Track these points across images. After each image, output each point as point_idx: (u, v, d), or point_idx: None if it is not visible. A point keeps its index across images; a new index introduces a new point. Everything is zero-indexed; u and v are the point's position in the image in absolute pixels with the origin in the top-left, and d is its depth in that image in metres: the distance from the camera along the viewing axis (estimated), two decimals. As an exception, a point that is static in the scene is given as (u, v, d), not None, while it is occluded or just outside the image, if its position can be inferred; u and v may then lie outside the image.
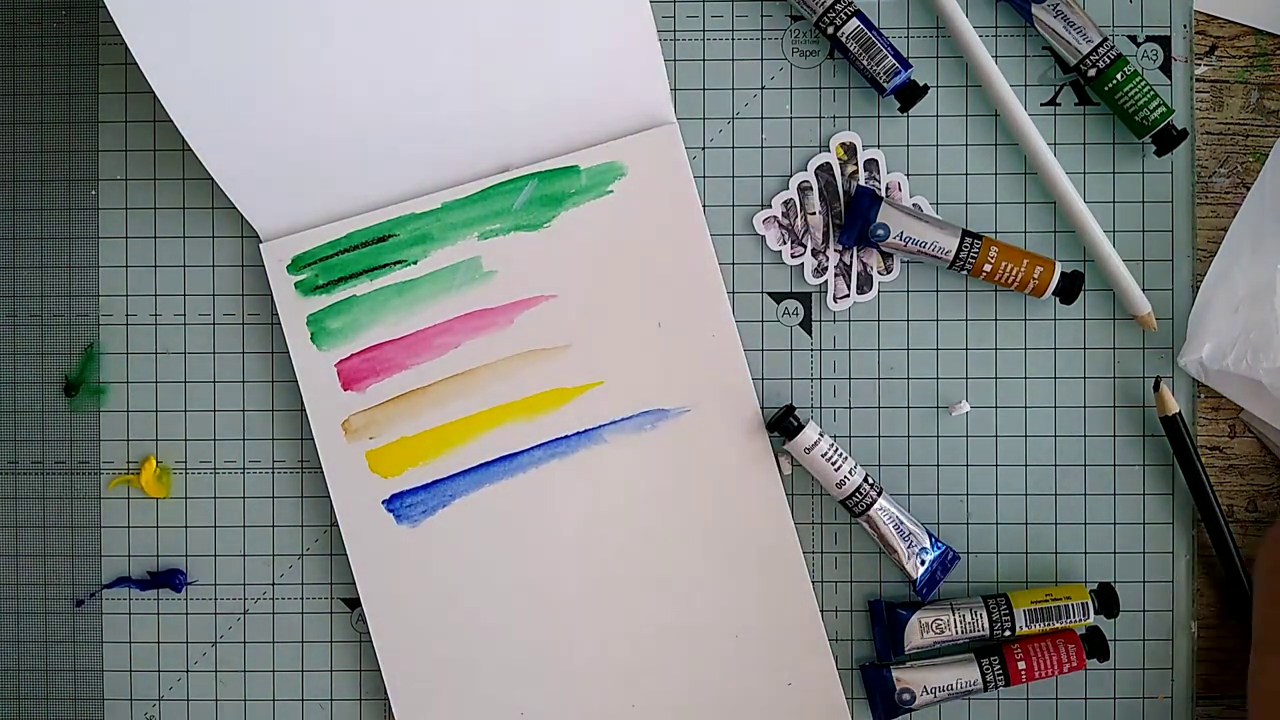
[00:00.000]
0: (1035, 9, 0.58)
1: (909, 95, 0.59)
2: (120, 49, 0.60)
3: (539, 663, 0.59)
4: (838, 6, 0.58)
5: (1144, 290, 0.59)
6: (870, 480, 0.58)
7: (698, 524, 0.59)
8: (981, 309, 0.60)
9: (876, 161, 0.60)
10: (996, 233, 0.60)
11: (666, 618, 0.59)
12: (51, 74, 0.61)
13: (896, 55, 0.58)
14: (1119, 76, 0.58)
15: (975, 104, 0.60)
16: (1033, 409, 0.60)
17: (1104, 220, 0.59)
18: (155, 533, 0.60)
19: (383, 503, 0.59)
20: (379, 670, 0.59)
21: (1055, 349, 0.60)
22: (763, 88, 0.60)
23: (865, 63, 0.58)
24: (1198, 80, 0.60)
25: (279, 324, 0.59)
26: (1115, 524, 0.60)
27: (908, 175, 0.60)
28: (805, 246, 0.60)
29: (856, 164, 0.60)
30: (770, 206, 0.60)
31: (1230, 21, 0.60)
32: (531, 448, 0.59)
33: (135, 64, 0.56)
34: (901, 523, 0.58)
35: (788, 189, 0.60)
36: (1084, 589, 0.58)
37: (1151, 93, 0.58)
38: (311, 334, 0.59)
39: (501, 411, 0.59)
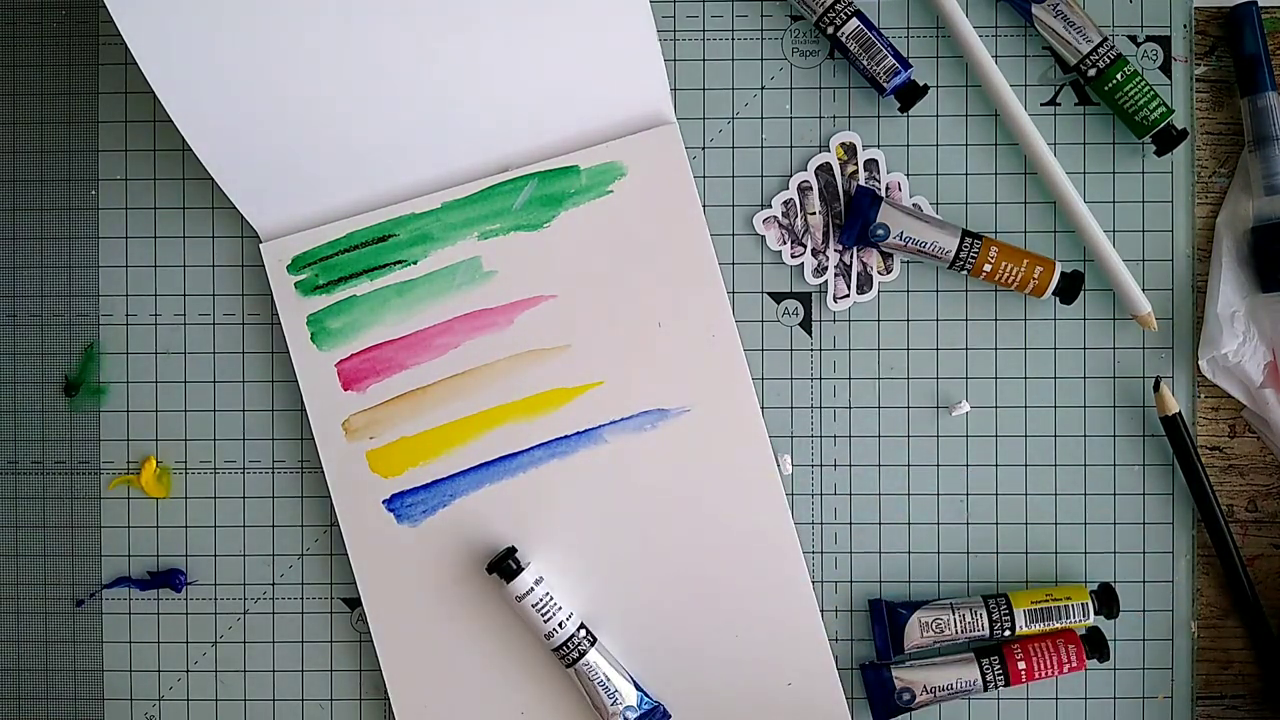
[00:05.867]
0: (1035, 9, 0.58)
1: (909, 95, 0.59)
2: (120, 49, 0.60)
3: (539, 662, 0.59)
4: (838, 6, 0.58)
5: (1144, 290, 0.59)
6: (585, 629, 0.57)
7: (698, 524, 0.59)
8: (981, 309, 0.60)
9: (876, 161, 0.60)
10: (996, 233, 0.60)
11: (666, 617, 0.59)
12: (51, 74, 0.61)
13: (896, 55, 0.58)
14: (1119, 76, 0.58)
15: (975, 104, 0.60)
16: (1033, 409, 0.60)
17: (1104, 220, 0.59)
18: (155, 533, 0.60)
19: (383, 502, 0.59)
20: (379, 670, 0.59)
21: (1055, 349, 0.60)
22: (763, 88, 0.60)
23: (865, 63, 0.58)
24: (1198, 80, 0.60)
25: (279, 324, 0.59)
26: (1115, 524, 0.60)
27: (908, 175, 0.60)
28: (805, 246, 0.60)
29: (856, 164, 0.60)
30: (770, 206, 0.60)
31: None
32: (531, 448, 0.59)
33: (135, 64, 0.56)
34: (608, 680, 0.57)
35: (788, 189, 0.60)
36: (1084, 589, 0.58)
37: (1151, 93, 0.58)
38: (311, 334, 0.59)
39: (501, 411, 0.59)
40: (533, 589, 0.57)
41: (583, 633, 0.57)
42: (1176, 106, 0.59)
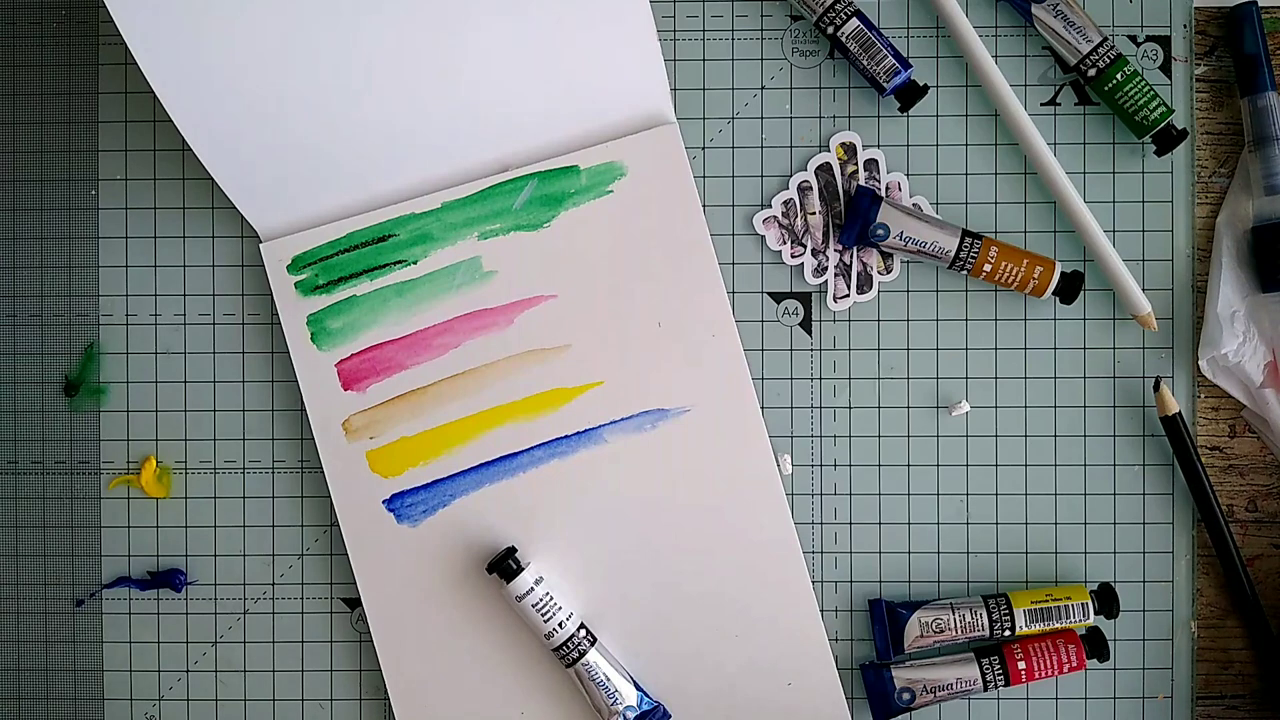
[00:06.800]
0: (1035, 9, 0.58)
1: (909, 95, 0.59)
2: (120, 49, 0.60)
3: (539, 662, 0.59)
4: (838, 6, 0.58)
5: (1144, 290, 0.59)
6: (585, 629, 0.57)
7: (698, 524, 0.59)
8: (981, 309, 0.60)
9: (876, 161, 0.60)
10: (996, 233, 0.60)
11: (666, 617, 0.59)
12: (51, 74, 0.61)
13: (896, 55, 0.58)
14: (1119, 76, 0.58)
15: (975, 104, 0.60)
16: (1033, 409, 0.60)
17: (1104, 220, 0.59)
18: (155, 533, 0.60)
19: (383, 503, 0.59)
20: (379, 670, 0.59)
21: (1055, 349, 0.60)
22: (763, 88, 0.60)
23: (865, 63, 0.58)
24: (1198, 80, 0.60)
25: (279, 324, 0.59)
26: (1115, 524, 0.60)
27: (908, 175, 0.60)
28: (805, 246, 0.60)
29: (856, 164, 0.60)
30: (770, 206, 0.60)
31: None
32: (531, 448, 0.59)
33: (135, 64, 0.56)
34: (608, 680, 0.57)
35: (788, 189, 0.60)
36: (1084, 589, 0.58)
37: (1151, 93, 0.58)
38: (311, 334, 0.59)
39: (501, 411, 0.59)
40: (533, 589, 0.57)
41: (583, 633, 0.57)
42: (1176, 106, 0.59)
